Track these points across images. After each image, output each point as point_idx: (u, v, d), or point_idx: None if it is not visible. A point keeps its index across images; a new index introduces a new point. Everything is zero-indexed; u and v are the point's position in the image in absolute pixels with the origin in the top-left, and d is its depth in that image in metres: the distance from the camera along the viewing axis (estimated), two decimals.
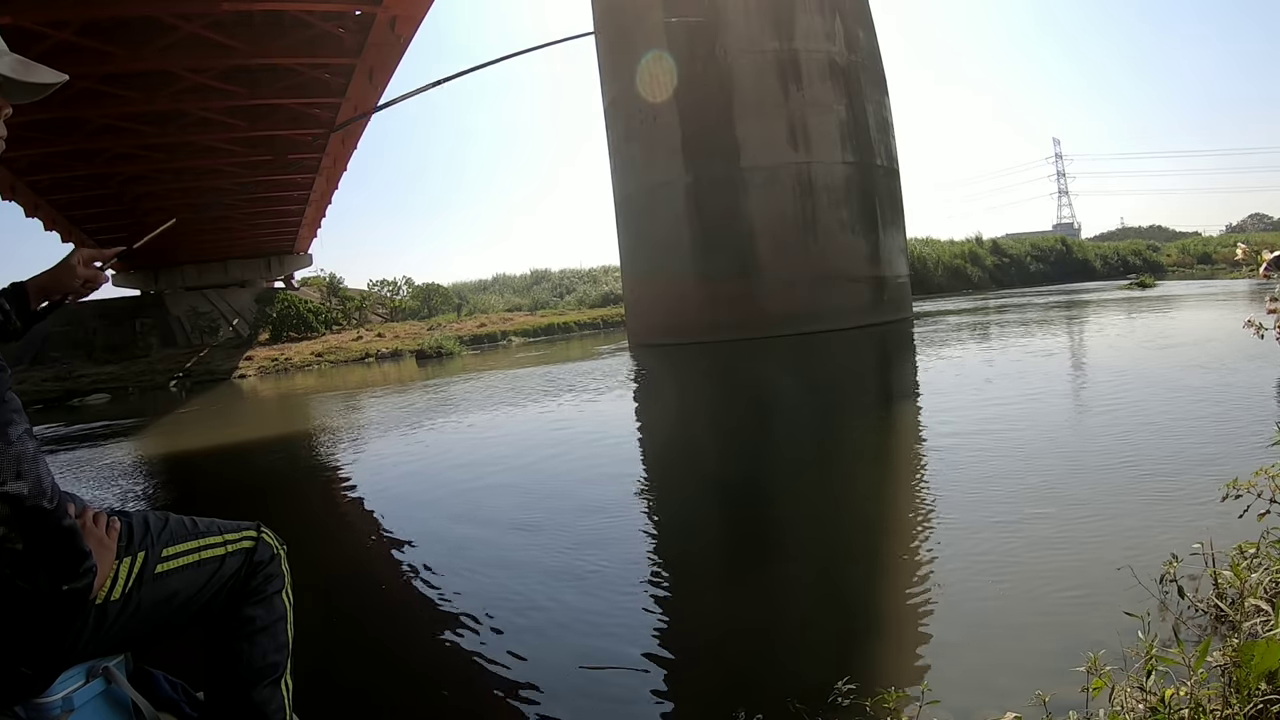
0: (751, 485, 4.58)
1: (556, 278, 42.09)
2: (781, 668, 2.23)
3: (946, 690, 1.72)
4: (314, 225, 32.58)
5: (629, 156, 17.71)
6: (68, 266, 1.40)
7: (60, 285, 1.41)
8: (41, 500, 1.01)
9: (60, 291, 1.42)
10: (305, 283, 38.15)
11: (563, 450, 6.01)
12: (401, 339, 28.20)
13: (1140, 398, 5.53)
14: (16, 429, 1.01)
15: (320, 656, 1.93)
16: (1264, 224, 71.05)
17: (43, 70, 1.21)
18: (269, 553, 1.41)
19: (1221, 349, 7.34)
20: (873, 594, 2.67)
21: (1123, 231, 76.29)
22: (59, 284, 1.41)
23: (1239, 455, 3.42)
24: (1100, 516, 3.03)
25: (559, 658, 2.40)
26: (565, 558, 3.37)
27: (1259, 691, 1.38)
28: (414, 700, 2.27)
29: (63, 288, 1.41)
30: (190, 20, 13.05)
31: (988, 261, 40.26)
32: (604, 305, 33.67)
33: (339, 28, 14.70)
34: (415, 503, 4.92)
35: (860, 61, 17.04)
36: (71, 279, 1.40)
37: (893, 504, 3.75)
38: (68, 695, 1.18)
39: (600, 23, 18.62)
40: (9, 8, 10.75)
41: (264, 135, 19.50)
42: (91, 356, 28.25)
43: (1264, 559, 2.00)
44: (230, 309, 33.24)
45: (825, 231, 16.06)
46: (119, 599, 1.19)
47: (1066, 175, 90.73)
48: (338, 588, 3.33)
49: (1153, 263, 43.02)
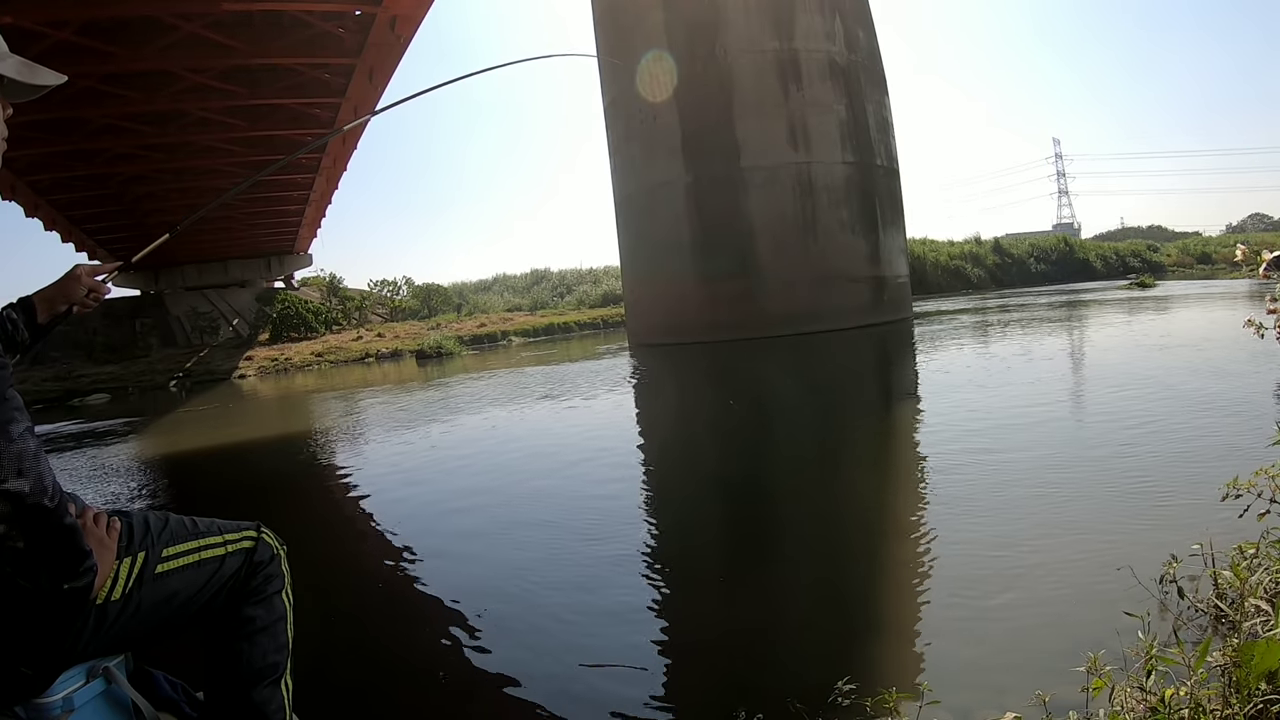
0: (751, 485, 4.57)
1: (557, 278, 42.14)
2: (781, 668, 2.23)
3: (946, 690, 1.72)
4: (314, 225, 32.59)
5: (629, 156, 17.71)
6: (73, 278, 1.46)
7: (66, 296, 1.46)
8: (43, 498, 1.01)
9: (66, 302, 1.47)
10: (305, 283, 38.15)
11: (562, 450, 6.01)
12: (401, 339, 28.20)
13: (1141, 398, 5.53)
14: (18, 426, 1.01)
15: (320, 656, 1.93)
16: (1264, 224, 71.05)
17: (44, 72, 1.23)
18: (269, 553, 1.41)
19: (1221, 349, 7.34)
20: (873, 594, 2.67)
21: (1123, 231, 76.32)
22: (64, 295, 1.46)
23: (1239, 455, 3.42)
24: (1100, 516, 3.02)
25: (559, 657, 2.41)
26: (565, 557, 3.37)
27: (1259, 692, 1.38)
28: (414, 700, 2.27)
29: (68, 298, 1.46)
30: (190, 20, 13.05)
31: (988, 261, 40.26)
32: (604, 305, 33.69)
33: (339, 28, 14.70)
34: (415, 502, 4.92)
35: (860, 61, 17.04)
36: (76, 290, 1.46)
37: (892, 504, 3.75)
38: (68, 695, 1.18)
39: (600, 23, 18.63)
40: (9, 7, 10.75)
41: (264, 135, 19.51)
42: (91, 356, 28.24)
43: (1264, 559, 2.00)
44: (230, 309, 33.24)
45: (825, 231, 16.06)
46: (119, 599, 1.19)
47: (1066, 175, 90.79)
48: (338, 588, 3.33)
49: (1152, 263, 43.00)
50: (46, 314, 1.46)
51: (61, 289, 1.46)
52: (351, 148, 22.91)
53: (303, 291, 36.54)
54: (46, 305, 1.46)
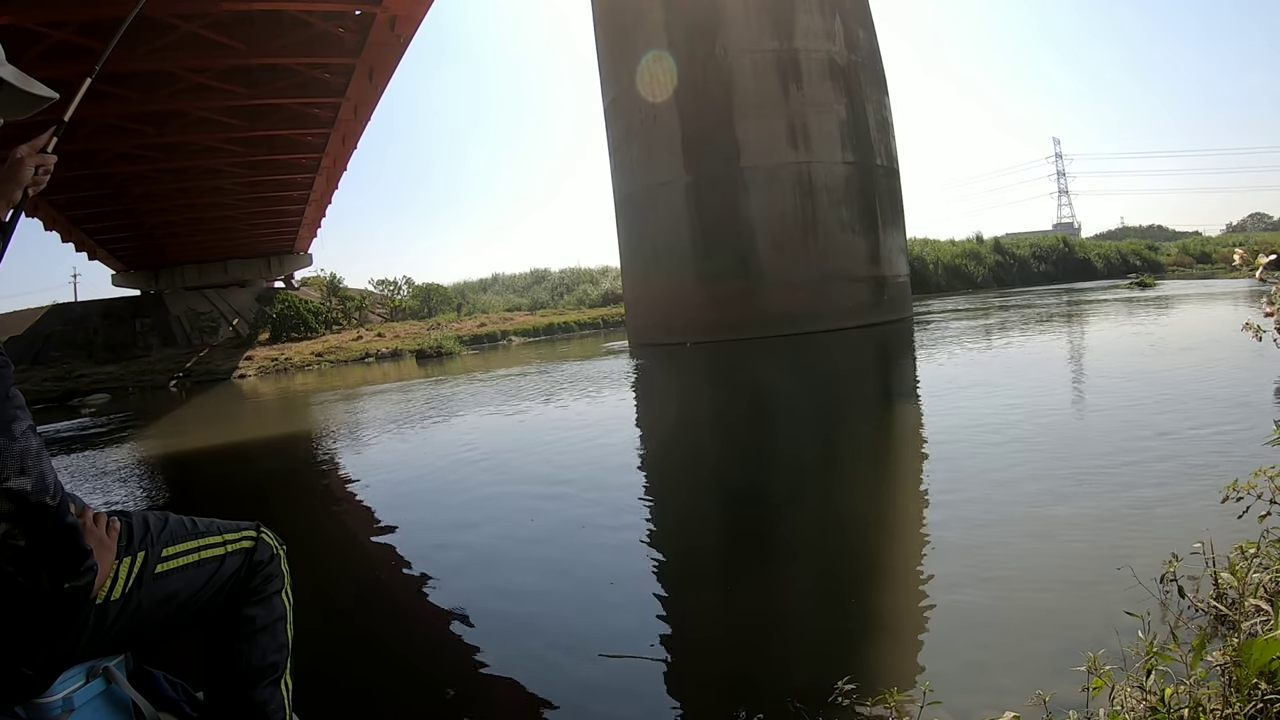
0: (751, 484, 4.57)
1: (556, 277, 42.11)
2: (781, 668, 2.23)
3: (946, 690, 1.72)
4: (314, 225, 32.61)
5: (629, 156, 17.71)
6: (16, 163, 1.36)
7: (17, 182, 1.36)
8: (44, 497, 1.01)
9: (18, 186, 1.37)
10: (305, 283, 38.16)
11: (562, 449, 6.01)
12: (401, 339, 28.22)
13: (1141, 398, 5.53)
14: (20, 425, 1.01)
15: (320, 656, 1.93)
16: (1264, 224, 71.10)
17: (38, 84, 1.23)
18: (268, 553, 1.41)
19: (1221, 350, 7.34)
20: (873, 594, 2.67)
21: (1123, 231, 76.29)
22: (15, 181, 1.36)
23: (1239, 455, 3.42)
24: (1100, 516, 3.02)
25: (559, 656, 2.41)
26: (565, 556, 3.37)
27: (1259, 691, 1.38)
28: (414, 699, 2.27)
29: (19, 183, 1.36)
30: (190, 20, 13.06)
31: (988, 261, 40.26)
32: (604, 305, 33.70)
33: (339, 27, 14.71)
34: (416, 502, 4.92)
35: (860, 61, 17.04)
36: (23, 171, 1.36)
37: (892, 503, 3.75)
38: (68, 695, 1.18)
39: (600, 23, 18.63)
40: (9, 8, 10.76)
41: (264, 135, 19.52)
42: (91, 356, 28.26)
43: (1264, 559, 2.00)
44: (230, 309, 33.25)
45: (825, 231, 16.06)
46: (119, 599, 1.19)
47: (1066, 175, 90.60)
48: (338, 588, 3.33)
49: (1152, 262, 42.98)
50: (4, 207, 1.37)
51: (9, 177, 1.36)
52: (351, 147, 22.91)
53: (303, 291, 36.54)
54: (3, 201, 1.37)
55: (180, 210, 26.37)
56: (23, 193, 1.36)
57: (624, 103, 17.48)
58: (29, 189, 1.37)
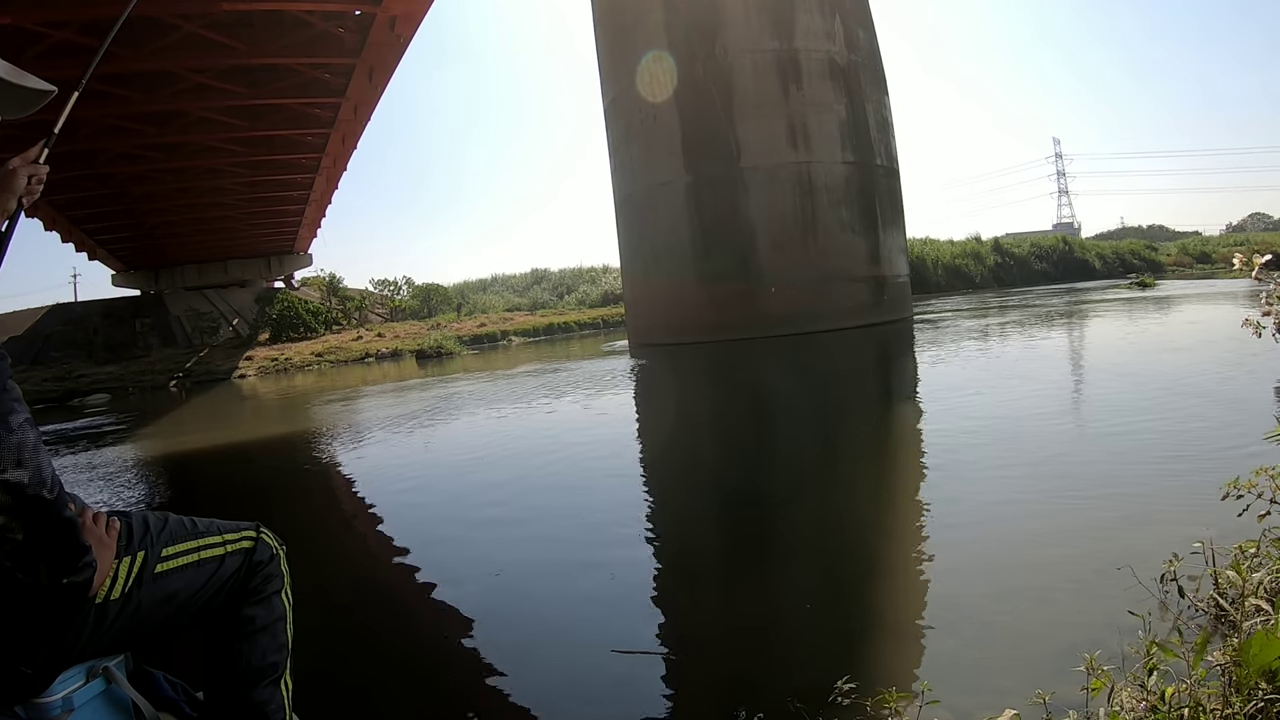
0: (751, 485, 4.57)
1: (556, 277, 42.11)
2: (781, 667, 2.23)
3: (946, 690, 1.72)
4: (314, 225, 32.63)
5: (629, 156, 17.71)
6: (9, 173, 1.37)
7: (11, 191, 1.37)
8: (42, 490, 1.01)
9: (12, 196, 1.37)
10: (305, 283, 38.17)
11: (562, 449, 6.01)
12: (401, 339, 28.23)
13: (1141, 397, 5.53)
14: (17, 417, 1.01)
15: (320, 656, 1.93)
16: (1264, 224, 71.04)
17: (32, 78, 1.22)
18: (268, 553, 1.41)
19: (1222, 349, 7.33)
20: (872, 594, 2.67)
21: (1123, 231, 76.31)
22: (9, 191, 1.37)
23: (1240, 453, 3.42)
24: (1100, 516, 3.02)
25: (560, 655, 2.41)
26: (566, 556, 3.37)
27: (1259, 690, 1.38)
28: (414, 699, 2.27)
29: (13, 192, 1.37)
30: (190, 20, 13.07)
31: (988, 261, 40.27)
32: (604, 305, 33.71)
33: (339, 27, 14.72)
34: (416, 501, 4.91)
35: (860, 61, 17.03)
36: (16, 181, 1.37)
37: (892, 503, 3.75)
38: (68, 695, 1.18)
39: (600, 23, 18.63)
40: (9, 8, 10.77)
41: (264, 135, 19.52)
42: (92, 356, 28.27)
43: (1264, 558, 1.99)
44: (230, 309, 33.26)
45: (825, 231, 16.06)
46: (119, 598, 1.19)
47: (1066, 175, 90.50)
48: (338, 587, 3.33)
49: (1152, 262, 42.99)
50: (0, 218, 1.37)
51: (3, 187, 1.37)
52: (351, 147, 22.92)
53: (303, 291, 36.56)
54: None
55: (180, 210, 26.39)
56: (17, 203, 1.37)
57: (624, 103, 17.48)
58: (23, 198, 1.38)
